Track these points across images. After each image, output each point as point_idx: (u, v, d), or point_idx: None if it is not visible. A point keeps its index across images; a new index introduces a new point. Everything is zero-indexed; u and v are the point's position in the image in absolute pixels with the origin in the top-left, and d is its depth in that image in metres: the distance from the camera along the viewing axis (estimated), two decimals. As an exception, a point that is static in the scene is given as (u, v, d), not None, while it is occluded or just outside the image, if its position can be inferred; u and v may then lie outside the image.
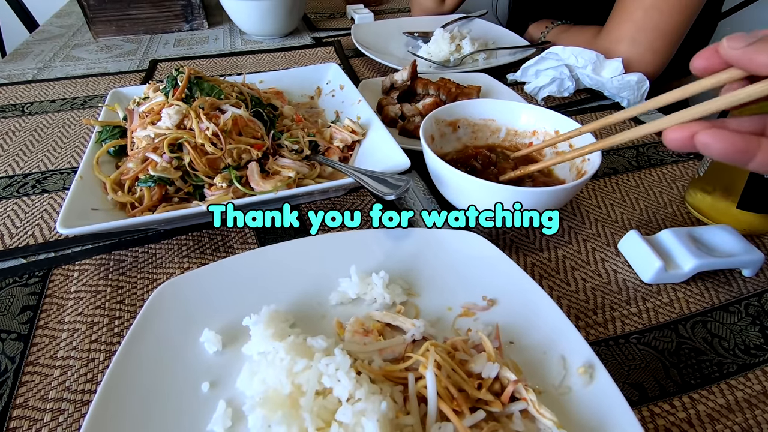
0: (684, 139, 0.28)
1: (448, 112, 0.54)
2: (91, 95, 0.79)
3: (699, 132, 0.28)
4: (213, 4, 1.25)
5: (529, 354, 0.35)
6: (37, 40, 1.07)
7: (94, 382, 0.35)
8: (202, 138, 0.47)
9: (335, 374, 0.30)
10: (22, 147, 0.64)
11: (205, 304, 0.38)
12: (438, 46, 0.89)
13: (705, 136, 0.27)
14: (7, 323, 0.40)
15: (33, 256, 0.46)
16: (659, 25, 0.71)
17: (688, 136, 0.28)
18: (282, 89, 0.70)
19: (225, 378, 0.33)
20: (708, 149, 0.28)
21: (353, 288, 0.39)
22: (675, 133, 0.29)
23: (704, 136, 0.27)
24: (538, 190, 0.41)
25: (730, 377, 0.36)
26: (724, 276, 0.44)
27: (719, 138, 0.27)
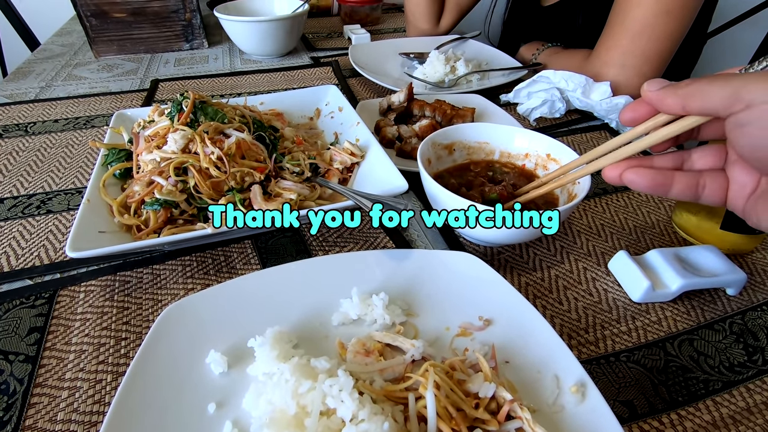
0: (617, 177, 0.34)
1: (444, 136, 0.56)
2: (94, 115, 0.81)
3: (625, 171, 0.33)
4: (213, 23, 1.28)
5: (523, 373, 0.36)
6: (39, 59, 1.09)
7: (102, 404, 0.36)
8: (207, 162, 0.49)
9: (339, 395, 0.31)
10: (26, 167, 0.65)
11: (210, 326, 0.39)
12: (433, 67, 0.92)
13: (630, 174, 0.33)
14: (15, 345, 0.40)
15: (39, 277, 0.47)
16: (646, 51, 0.75)
17: (619, 174, 0.34)
18: (282, 110, 0.72)
19: (231, 398, 0.34)
20: (633, 185, 0.33)
21: (354, 309, 0.40)
22: (610, 171, 0.35)
23: (629, 174, 0.33)
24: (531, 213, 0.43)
25: (715, 394, 0.37)
26: (710, 295, 0.46)
27: (641, 175, 0.33)
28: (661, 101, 0.31)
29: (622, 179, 0.34)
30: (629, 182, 0.34)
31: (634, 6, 0.73)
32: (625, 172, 0.33)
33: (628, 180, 0.33)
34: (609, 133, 0.76)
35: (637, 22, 0.73)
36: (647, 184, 0.33)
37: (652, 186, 0.33)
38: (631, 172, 0.33)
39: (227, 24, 1.03)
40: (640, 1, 0.73)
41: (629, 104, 0.34)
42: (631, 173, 0.33)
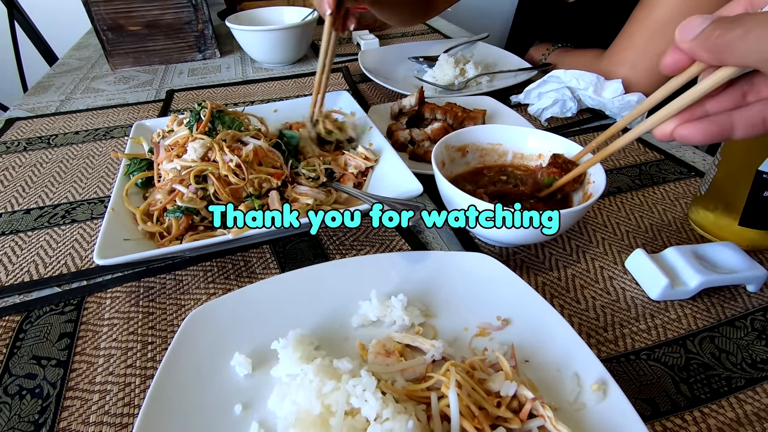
0: (668, 134, 0.32)
1: (457, 138, 0.57)
2: (113, 126, 0.83)
3: (676, 127, 0.31)
4: (224, 33, 1.30)
5: (543, 372, 0.36)
6: (58, 73, 1.12)
7: (132, 406, 0.37)
8: (226, 169, 0.50)
9: (362, 395, 0.31)
10: (50, 178, 0.68)
11: (233, 329, 0.40)
12: (443, 71, 0.93)
13: (682, 129, 0.31)
14: (47, 350, 0.42)
15: (67, 284, 0.49)
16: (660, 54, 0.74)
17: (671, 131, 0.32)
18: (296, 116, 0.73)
19: (256, 400, 0.35)
20: (687, 139, 0.31)
21: (373, 311, 0.41)
22: (661, 130, 0.32)
23: (681, 130, 0.31)
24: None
25: (738, 391, 0.37)
26: (729, 292, 0.46)
27: (693, 129, 0.31)
28: (695, 55, 0.29)
29: (674, 136, 0.32)
30: (682, 138, 0.31)
31: (658, 5, 0.73)
32: (676, 128, 0.31)
33: (681, 136, 0.31)
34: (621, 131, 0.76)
35: (657, 23, 0.73)
36: (702, 137, 0.30)
37: (709, 137, 0.30)
38: (683, 127, 0.31)
39: (239, 34, 1.05)
40: (663, 1, 0.72)
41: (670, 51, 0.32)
42: (682, 128, 0.31)
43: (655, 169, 0.65)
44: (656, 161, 0.67)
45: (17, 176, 0.68)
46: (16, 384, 0.39)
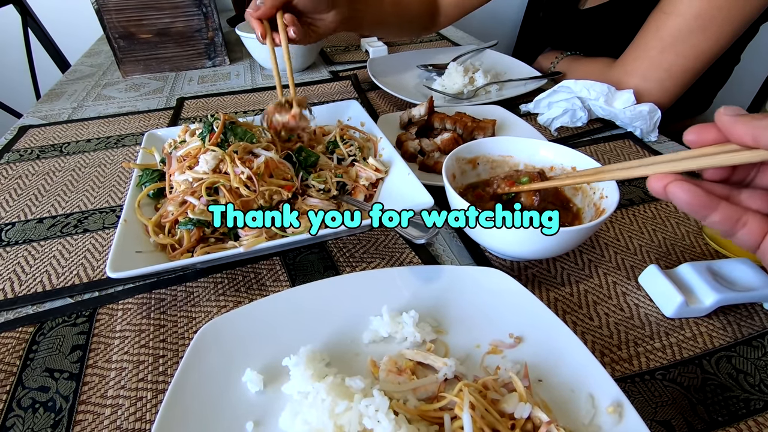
0: (661, 188, 0.32)
1: (468, 150, 0.56)
2: (124, 134, 0.83)
3: (672, 182, 0.32)
4: (233, 40, 1.31)
5: (557, 392, 0.36)
6: (70, 80, 1.14)
7: (143, 421, 0.37)
8: (237, 182, 0.50)
9: (375, 415, 0.31)
10: (63, 187, 0.68)
11: (244, 344, 0.40)
12: (452, 79, 0.92)
13: (675, 187, 0.31)
14: (59, 363, 0.42)
15: (79, 295, 0.49)
16: (672, 66, 0.73)
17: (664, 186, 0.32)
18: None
19: (268, 417, 0.35)
20: (676, 198, 0.31)
21: (385, 327, 0.41)
22: (655, 181, 0.33)
23: (675, 187, 0.31)
24: (561, 230, 0.42)
25: (757, 414, 0.36)
26: (746, 310, 0.45)
27: (687, 190, 0.31)
28: (732, 127, 0.29)
29: (667, 190, 0.32)
30: (673, 194, 0.32)
31: (672, 15, 0.72)
32: (671, 184, 0.31)
33: (673, 192, 0.32)
34: (633, 141, 0.75)
35: (671, 35, 0.72)
36: (691, 201, 0.31)
37: (696, 205, 0.31)
38: (678, 185, 0.31)
39: (248, 41, 1.05)
40: (679, 11, 0.71)
41: (696, 126, 0.33)
42: (677, 186, 0.31)
43: (668, 181, 0.65)
44: (669, 173, 0.66)
45: (30, 184, 0.69)
46: (30, 397, 0.39)
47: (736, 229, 0.31)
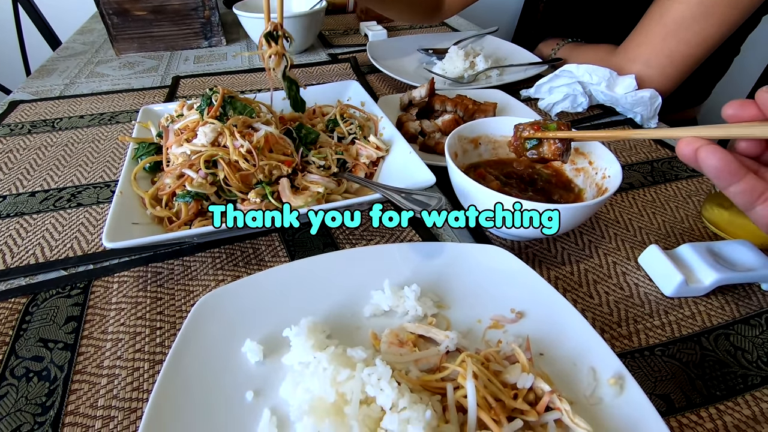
0: (692, 151, 0.32)
1: (471, 129, 0.56)
2: (118, 111, 0.82)
3: (701, 146, 0.31)
4: (230, 20, 1.29)
5: (559, 365, 0.36)
6: (62, 57, 1.11)
7: (141, 390, 0.37)
8: (237, 155, 0.49)
9: (378, 384, 0.31)
10: (55, 162, 0.67)
11: (244, 316, 0.39)
12: (452, 63, 0.92)
13: (706, 151, 0.31)
14: (53, 333, 0.41)
15: (73, 268, 0.48)
16: (674, 53, 0.73)
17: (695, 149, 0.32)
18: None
19: (268, 387, 0.35)
20: (706, 162, 0.31)
21: (386, 300, 0.40)
22: (686, 145, 0.32)
23: (705, 150, 0.31)
24: (563, 206, 0.42)
25: (754, 389, 0.37)
26: (744, 290, 0.46)
27: (716, 154, 0.31)
28: None
29: (697, 155, 0.32)
30: (703, 159, 0.31)
31: (676, 2, 0.71)
32: (701, 148, 0.31)
33: (703, 156, 0.31)
34: (633, 127, 0.75)
35: (675, 21, 0.72)
36: (720, 166, 0.31)
37: (725, 171, 0.31)
38: (709, 148, 0.31)
39: (246, 21, 1.03)
40: None
41: (735, 101, 0.32)
42: (707, 150, 0.31)
43: (667, 166, 0.65)
44: (668, 158, 0.67)
45: (21, 159, 0.67)
46: (23, 366, 0.38)
47: (757, 203, 0.31)
